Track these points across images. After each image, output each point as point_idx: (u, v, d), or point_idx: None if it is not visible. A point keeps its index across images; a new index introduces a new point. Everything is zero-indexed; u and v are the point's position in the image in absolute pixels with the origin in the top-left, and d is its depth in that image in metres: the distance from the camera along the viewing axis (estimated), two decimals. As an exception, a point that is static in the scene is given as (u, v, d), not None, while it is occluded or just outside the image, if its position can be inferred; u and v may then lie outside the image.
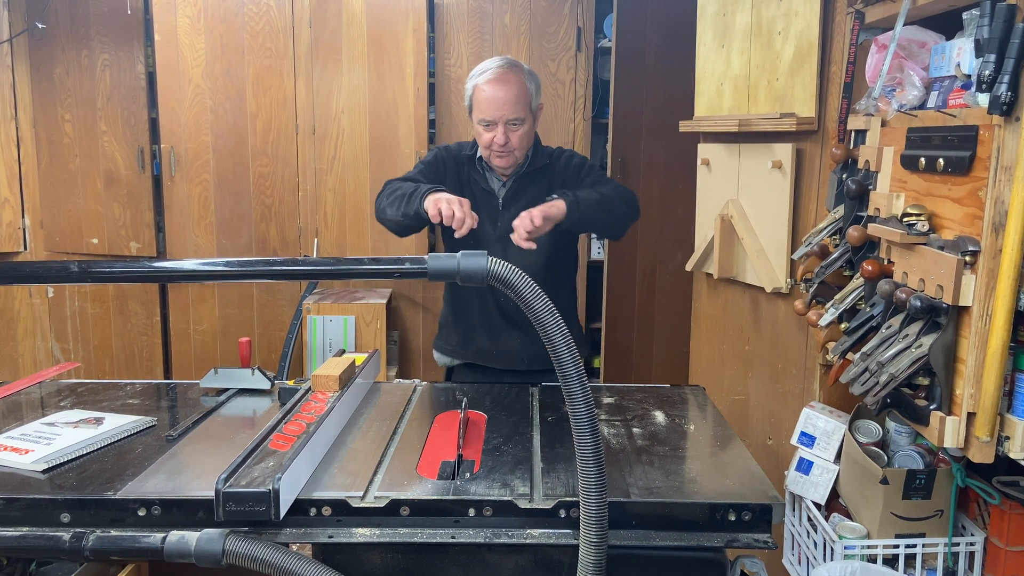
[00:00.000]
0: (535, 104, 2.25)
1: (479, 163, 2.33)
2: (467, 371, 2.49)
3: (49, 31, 3.90)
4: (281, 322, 4.10)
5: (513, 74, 2.20)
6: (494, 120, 2.19)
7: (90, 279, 1.35)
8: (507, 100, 2.18)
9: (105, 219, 4.03)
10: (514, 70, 2.21)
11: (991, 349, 1.39)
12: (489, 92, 2.18)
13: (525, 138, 2.24)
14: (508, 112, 2.18)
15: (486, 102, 2.19)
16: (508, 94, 2.18)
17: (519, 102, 2.19)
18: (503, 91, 2.18)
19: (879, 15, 1.85)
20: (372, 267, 1.46)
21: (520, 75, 2.21)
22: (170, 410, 2.00)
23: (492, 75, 2.19)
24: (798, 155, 2.28)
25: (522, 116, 2.20)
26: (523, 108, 2.20)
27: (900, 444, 1.83)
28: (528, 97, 2.22)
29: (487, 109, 2.19)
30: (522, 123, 2.21)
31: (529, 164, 2.31)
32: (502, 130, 2.19)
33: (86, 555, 1.41)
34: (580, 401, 1.30)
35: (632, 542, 1.45)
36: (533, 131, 2.29)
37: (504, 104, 2.18)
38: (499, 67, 2.21)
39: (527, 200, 2.26)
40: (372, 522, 1.46)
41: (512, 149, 2.22)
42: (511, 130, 2.20)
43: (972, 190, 1.44)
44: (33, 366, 4.15)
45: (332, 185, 4.01)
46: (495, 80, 2.19)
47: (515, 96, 2.18)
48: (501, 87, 2.18)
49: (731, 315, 2.69)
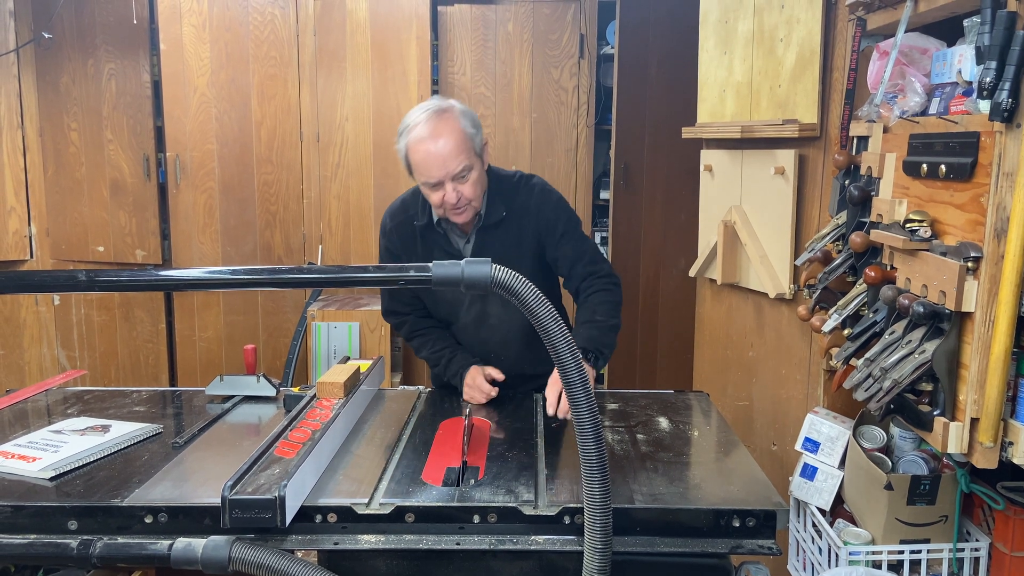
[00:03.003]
0: (478, 145, 1.99)
1: (437, 227, 2.11)
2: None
3: (55, 41, 3.92)
4: (286, 329, 4.11)
5: (444, 123, 1.94)
6: (439, 180, 1.94)
7: (98, 288, 1.35)
8: (447, 155, 1.92)
9: (111, 227, 4.05)
10: (444, 117, 1.95)
11: (994, 355, 1.39)
12: (425, 151, 1.93)
13: (478, 185, 2.00)
14: (452, 167, 1.93)
15: (424, 163, 1.94)
16: (446, 148, 1.92)
17: (460, 152, 1.93)
18: (439, 146, 1.92)
19: (880, 22, 1.85)
20: (377, 275, 1.46)
21: (452, 120, 1.95)
22: (176, 417, 2.01)
23: (423, 131, 1.93)
24: (801, 161, 2.28)
25: (468, 164, 1.95)
26: (466, 156, 1.94)
27: (904, 450, 1.83)
28: (468, 141, 1.95)
29: (428, 170, 1.94)
30: (470, 171, 1.96)
31: (485, 218, 2.09)
32: (451, 187, 1.95)
33: (93, 562, 1.41)
34: (584, 407, 1.30)
35: (636, 548, 1.45)
36: (482, 175, 2.04)
37: (445, 160, 1.92)
38: (427, 119, 1.94)
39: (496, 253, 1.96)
40: (377, 529, 1.47)
41: (468, 202, 1.99)
42: (460, 184, 1.95)
43: (974, 196, 1.44)
44: (39, 374, 4.16)
45: (336, 192, 4.03)
46: (427, 136, 1.92)
47: (454, 147, 1.92)
48: (436, 142, 1.92)
49: (735, 321, 2.69)
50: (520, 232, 2.12)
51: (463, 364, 2.18)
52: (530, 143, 4.12)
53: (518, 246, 2.12)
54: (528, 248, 2.13)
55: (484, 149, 2.04)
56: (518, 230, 2.12)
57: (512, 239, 2.12)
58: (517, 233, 2.12)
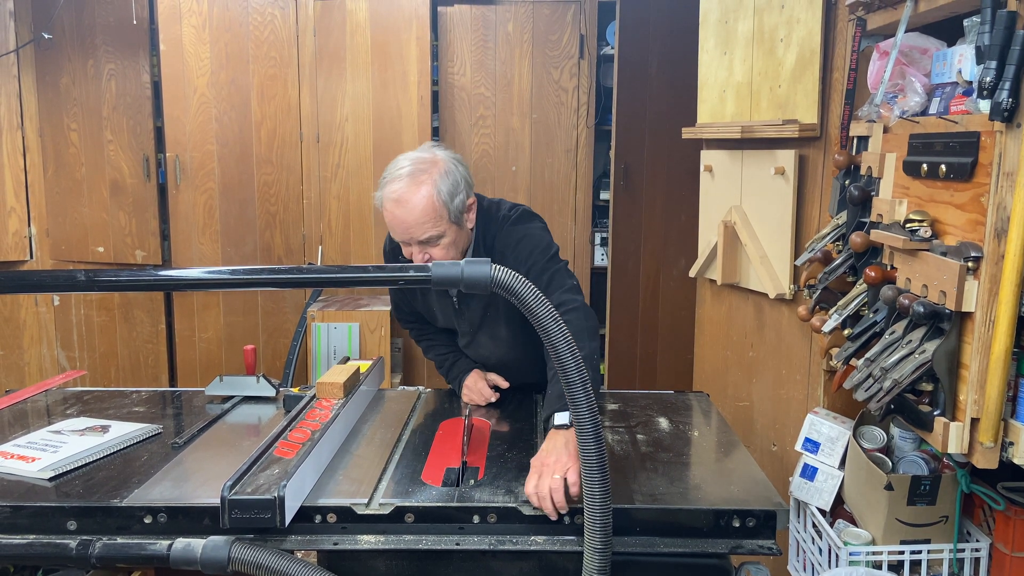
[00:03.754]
0: (454, 212, 1.88)
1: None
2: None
3: (55, 41, 3.92)
4: (286, 329, 4.11)
5: (417, 188, 1.83)
6: (405, 241, 1.89)
7: (97, 288, 1.35)
8: (411, 223, 1.84)
9: (111, 227, 4.05)
10: (420, 180, 1.84)
11: (994, 355, 1.39)
12: (391, 212, 1.86)
13: (450, 248, 1.90)
14: (417, 233, 1.85)
15: (391, 224, 1.88)
16: (411, 217, 1.83)
17: (427, 222, 1.83)
18: (404, 213, 1.83)
19: (880, 22, 1.85)
20: (377, 275, 1.46)
21: (428, 186, 1.84)
22: (176, 418, 2.01)
23: (394, 191, 1.84)
24: (801, 161, 2.28)
25: (436, 233, 1.86)
26: (435, 224, 1.85)
27: (904, 450, 1.83)
28: (440, 209, 1.85)
29: (394, 231, 1.89)
30: (440, 238, 1.87)
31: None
32: (417, 249, 1.88)
33: (92, 562, 1.41)
34: (584, 408, 1.30)
35: (636, 548, 1.45)
36: (464, 235, 1.96)
37: (410, 227, 1.84)
38: (403, 179, 1.85)
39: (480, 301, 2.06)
40: (377, 529, 1.47)
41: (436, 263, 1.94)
42: (429, 247, 1.88)
43: (974, 196, 1.44)
44: (39, 374, 4.17)
45: (336, 193, 4.03)
46: (396, 200, 1.84)
47: (419, 217, 1.83)
48: (402, 208, 1.83)
49: (735, 321, 2.69)
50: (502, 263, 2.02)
51: (464, 369, 2.20)
52: (530, 143, 4.12)
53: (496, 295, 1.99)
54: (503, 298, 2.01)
55: (468, 210, 1.95)
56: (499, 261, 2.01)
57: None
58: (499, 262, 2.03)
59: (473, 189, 1.97)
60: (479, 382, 2.15)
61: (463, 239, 1.96)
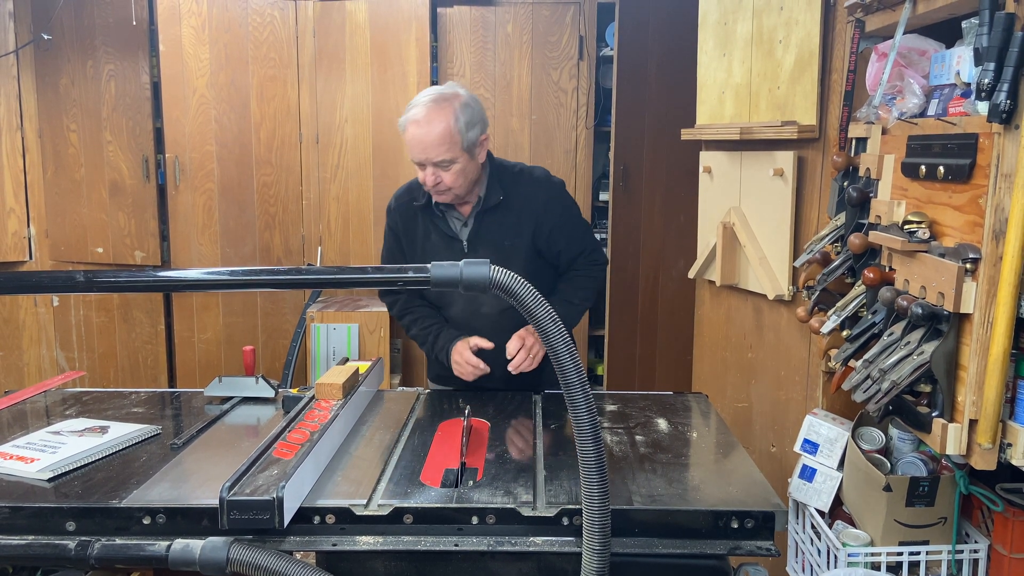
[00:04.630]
0: (468, 140, 2.05)
1: (436, 208, 2.19)
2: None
3: (55, 42, 3.92)
4: (285, 330, 4.11)
5: (438, 112, 2.02)
6: (421, 162, 2.06)
7: (96, 288, 1.35)
8: (429, 143, 2.02)
9: (110, 228, 4.05)
10: (441, 107, 2.03)
11: (992, 356, 1.39)
12: (412, 133, 2.04)
13: (460, 176, 2.07)
14: (432, 154, 2.02)
15: (410, 143, 2.06)
16: (429, 136, 2.01)
17: (443, 144, 2.01)
18: (425, 132, 2.02)
19: (879, 24, 1.86)
20: (376, 276, 1.46)
21: (446, 112, 2.02)
22: (175, 418, 2.01)
23: (416, 114, 2.04)
24: (799, 163, 2.28)
25: (448, 157, 2.03)
26: (449, 149, 2.02)
27: (903, 451, 1.83)
28: (455, 136, 2.02)
29: (412, 151, 2.06)
30: (451, 163, 2.04)
31: (485, 201, 2.17)
32: (431, 171, 2.05)
33: (91, 563, 1.41)
34: (583, 408, 1.30)
35: (635, 550, 1.45)
36: (474, 166, 2.11)
37: (427, 147, 2.02)
38: (424, 104, 2.04)
39: (493, 237, 2.17)
40: (376, 530, 1.46)
41: (448, 188, 2.08)
42: (441, 170, 2.05)
43: (972, 198, 1.44)
44: (38, 375, 4.16)
45: (336, 194, 4.03)
46: (419, 120, 2.03)
47: (438, 138, 2.01)
48: (423, 128, 2.02)
49: (734, 322, 2.69)
50: (518, 219, 2.18)
51: (448, 340, 2.23)
52: (529, 144, 4.12)
53: (515, 233, 2.18)
54: (525, 235, 2.19)
55: (480, 144, 2.11)
56: (516, 217, 2.18)
57: (510, 225, 2.18)
58: (515, 220, 2.18)
59: (487, 128, 2.15)
60: (465, 352, 2.17)
61: (473, 170, 2.12)
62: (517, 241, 2.18)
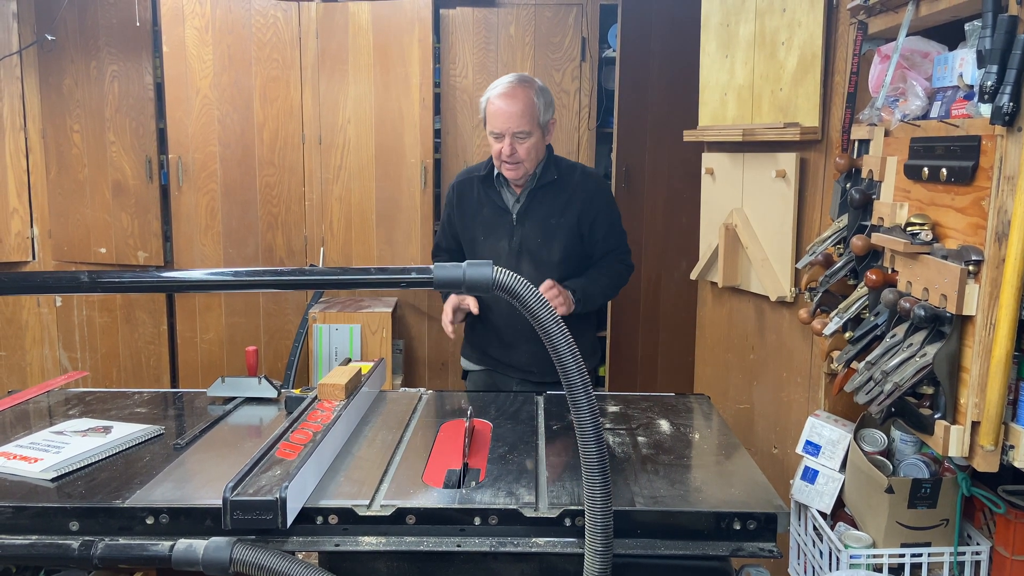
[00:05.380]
0: (544, 119, 2.33)
1: (495, 181, 2.42)
2: (483, 376, 2.59)
3: (58, 43, 3.93)
4: (287, 331, 4.12)
5: (522, 89, 2.30)
6: (502, 132, 2.28)
7: (101, 289, 1.36)
8: (513, 113, 2.27)
9: (113, 229, 4.06)
10: (524, 86, 2.31)
11: (995, 358, 1.39)
12: (498, 105, 2.29)
13: (533, 150, 2.32)
14: (514, 125, 2.27)
15: (495, 115, 2.30)
16: (515, 108, 2.27)
17: (525, 116, 2.28)
18: (510, 105, 2.28)
19: (882, 26, 1.86)
20: (379, 276, 1.46)
21: (529, 91, 2.30)
22: (177, 419, 2.01)
23: (503, 89, 2.30)
24: (802, 164, 2.29)
25: (528, 129, 2.28)
26: (529, 122, 2.28)
27: (905, 453, 1.83)
28: (535, 112, 2.30)
29: (495, 121, 2.29)
30: (528, 136, 2.29)
31: (539, 179, 2.38)
32: (508, 142, 2.28)
33: (95, 563, 1.42)
34: (585, 410, 1.31)
35: (637, 551, 1.45)
36: (543, 144, 2.37)
37: (510, 117, 2.27)
38: (510, 83, 2.32)
39: (541, 214, 2.38)
40: (378, 530, 1.47)
41: (520, 160, 2.31)
42: (518, 142, 2.29)
43: (975, 200, 1.45)
44: (41, 375, 4.17)
45: (338, 194, 4.04)
46: (505, 95, 2.29)
47: (521, 110, 2.27)
48: (509, 101, 2.28)
49: (736, 324, 2.69)
50: (567, 204, 2.39)
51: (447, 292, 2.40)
52: (532, 146, 4.12)
53: (561, 213, 2.38)
54: (571, 216, 2.38)
55: (549, 126, 2.38)
56: (565, 202, 2.39)
57: (558, 206, 2.38)
58: (564, 204, 2.39)
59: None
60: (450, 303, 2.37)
61: (541, 149, 2.37)
62: (562, 220, 2.38)
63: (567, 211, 2.38)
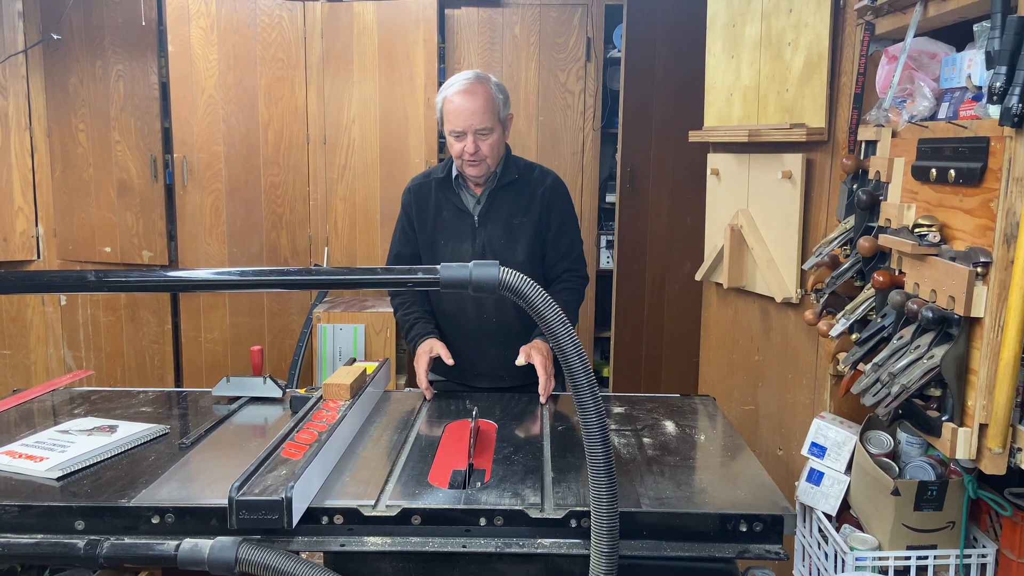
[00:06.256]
0: (503, 114, 2.29)
1: (454, 183, 2.35)
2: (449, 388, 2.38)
3: (64, 42, 3.94)
4: (291, 330, 4.12)
5: (480, 85, 2.24)
6: (464, 130, 2.22)
7: (107, 288, 1.36)
8: (475, 110, 2.21)
9: (118, 228, 4.06)
10: (481, 82, 2.26)
11: (1003, 360, 1.39)
12: (458, 103, 2.22)
13: (495, 147, 2.27)
14: (476, 122, 2.21)
15: (455, 113, 2.23)
16: (476, 104, 2.22)
17: (487, 112, 2.23)
18: (471, 101, 2.22)
19: (889, 26, 1.85)
20: (385, 277, 1.46)
21: (487, 86, 2.25)
22: (182, 418, 2.02)
23: (461, 86, 2.24)
24: (808, 165, 2.28)
25: (490, 125, 2.23)
26: (491, 118, 2.23)
27: (911, 455, 1.82)
28: (496, 107, 2.25)
29: (456, 119, 2.23)
30: (490, 132, 2.24)
31: (500, 178, 2.32)
32: (471, 139, 2.22)
33: (100, 562, 1.42)
34: (592, 412, 1.30)
35: (643, 552, 1.45)
36: (503, 141, 2.32)
37: (472, 114, 2.21)
38: (467, 80, 2.26)
39: (503, 215, 2.31)
40: (383, 531, 1.47)
41: (483, 157, 2.25)
42: (480, 139, 2.23)
43: (983, 201, 1.44)
44: (45, 374, 4.18)
45: (342, 194, 4.04)
46: (463, 92, 2.23)
47: (483, 106, 2.22)
48: (469, 98, 2.22)
49: (741, 325, 2.68)
50: (529, 203, 2.34)
51: (422, 332, 2.33)
52: (536, 146, 4.12)
53: (524, 213, 2.33)
54: (532, 215, 2.34)
55: (508, 121, 2.33)
56: (527, 201, 2.34)
57: (521, 206, 2.34)
58: (526, 203, 2.34)
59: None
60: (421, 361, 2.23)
61: (502, 146, 2.32)
62: (525, 220, 2.33)
63: (529, 210, 2.33)
